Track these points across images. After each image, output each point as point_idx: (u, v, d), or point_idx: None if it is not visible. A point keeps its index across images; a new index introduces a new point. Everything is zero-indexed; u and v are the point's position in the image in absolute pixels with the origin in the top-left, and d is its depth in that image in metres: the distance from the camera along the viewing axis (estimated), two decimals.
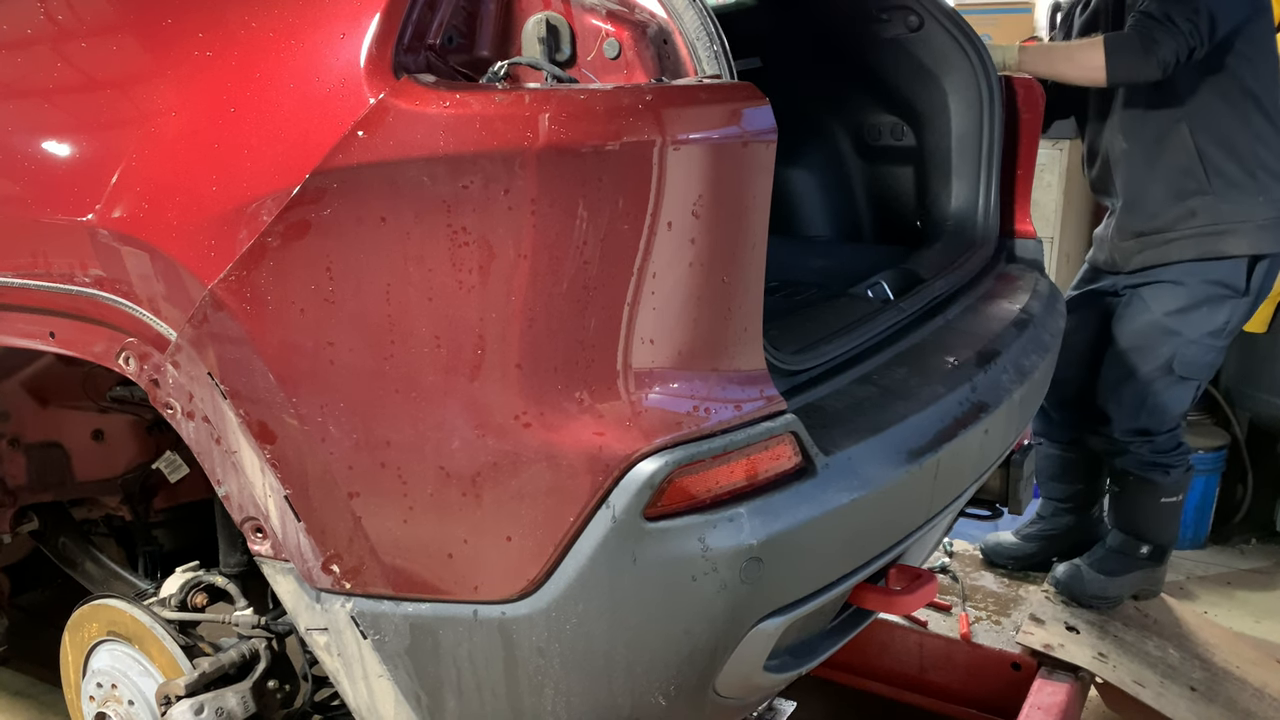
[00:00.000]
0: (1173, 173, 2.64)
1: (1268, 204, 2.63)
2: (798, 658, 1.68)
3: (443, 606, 1.41)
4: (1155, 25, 2.44)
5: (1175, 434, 2.83)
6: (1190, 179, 2.63)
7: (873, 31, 2.51)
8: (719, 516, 1.35)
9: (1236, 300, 2.68)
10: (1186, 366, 2.72)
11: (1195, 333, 2.69)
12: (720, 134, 1.31)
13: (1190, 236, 2.65)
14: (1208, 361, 2.75)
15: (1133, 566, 2.89)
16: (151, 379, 1.51)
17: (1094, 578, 2.86)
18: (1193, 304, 2.68)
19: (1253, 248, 2.64)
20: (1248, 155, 2.61)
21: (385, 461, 1.36)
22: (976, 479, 1.93)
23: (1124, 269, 2.81)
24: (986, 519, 2.31)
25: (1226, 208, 2.62)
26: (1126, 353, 2.77)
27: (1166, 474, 2.83)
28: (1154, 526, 2.90)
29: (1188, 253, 2.66)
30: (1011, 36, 4.75)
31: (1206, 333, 2.69)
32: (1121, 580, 2.87)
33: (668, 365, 1.35)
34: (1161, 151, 2.65)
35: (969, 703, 2.75)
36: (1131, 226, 2.75)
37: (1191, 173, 2.62)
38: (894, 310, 1.95)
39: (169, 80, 1.47)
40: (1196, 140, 2.60)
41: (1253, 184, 2.62)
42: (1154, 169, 2.67)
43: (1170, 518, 2.90)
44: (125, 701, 1.85)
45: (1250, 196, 2.62)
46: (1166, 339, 2.71)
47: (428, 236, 1.27)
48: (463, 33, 1.40)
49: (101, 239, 1.46)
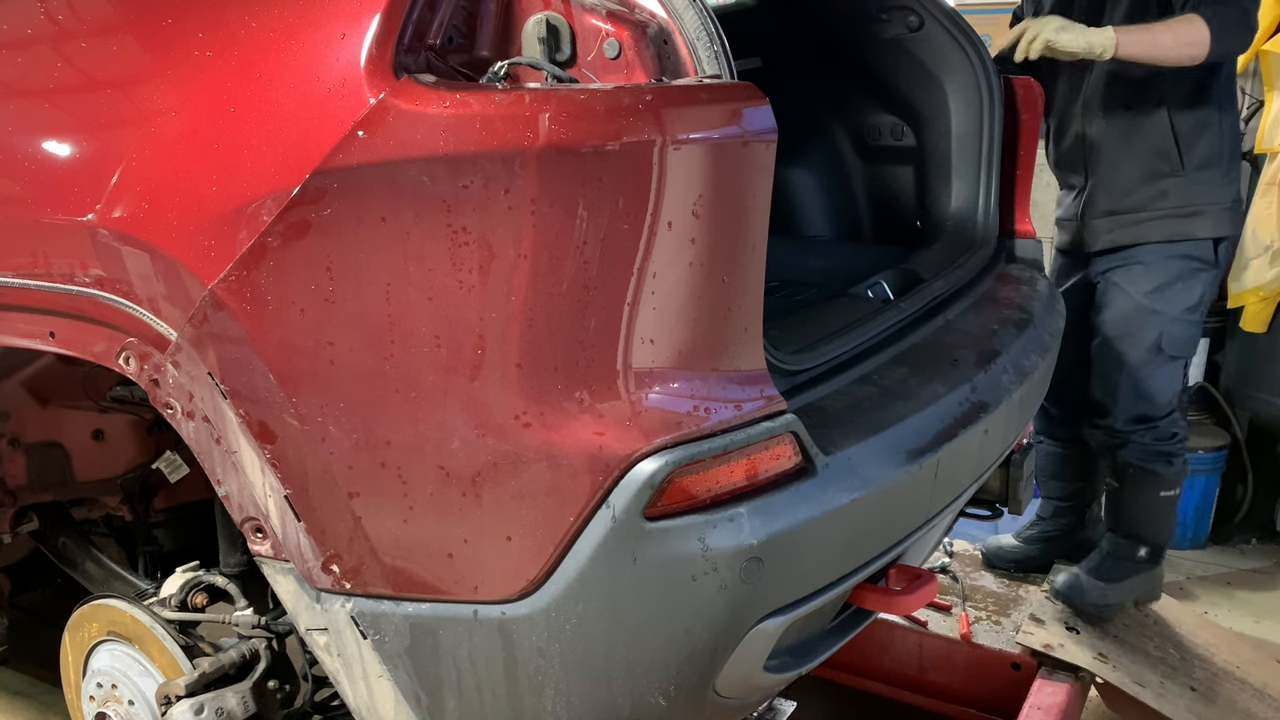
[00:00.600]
0: (1148, 153, 2.67)
1: (1230, 186, 2.69)
2: (798, 658, 1.68)
3: (443, 606, 1.41)
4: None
5: (1174, 419, 2.82)
6: (1164, 161, 2.66)
7: (873, 31, 2.51)
8: (719, 516, 1.35)
9: (1208, 273, 2.72)
10: (1174, 344, 2.73)
11: (1175, 309, 2.71)
12: (720, 134, 1.31)
13: (1161, 218, 2.69)
14: (1190, 336, 2.76)
15: (1131, 571, 2.87)
16: (151, 379, 1.51)
17: (1093, 585, 2.84)
18: (1169, 281, 2.70)
19: (1217, 229, 2.69)
20: (1219, 138, 2.65)
21: (385, 461, 1.36)
22: (976, 479, 1.93)
23: (1091, 248, 2.82)
24: (986, 519, 2.30)
25: (1196, 189, 2.66)
26: (1114, 340, 2.77)
27: (1170, 463, 2.81)
28: (1151, 524, 2.88)
29: (1157, 234, 2.70)
30: None
31: (1185, 309, 2.72)
32: (1121, 586, 2.85)
33: (668, 365, 1.35)
34: (1139, 130, 2.67)
35: (969, 703, 2.75)
36: (1103, 205, 2.77)
37: (1166, 154, 2.65)
38: (894, 310, 1.95)
39: (169, 80, 1.47)
40: (1174, 121, 2.63)
41: (1220, 166, 2.67)
42: (1131, 148, 2.70)
43: (1167, 513, 2.88)
44: (125, 701, 1.85)
45: (1218, 178, 2.67)
46: (1150, 319, 2.72)
47: (428, 236, 1.27)
48: (463, 33, 1.40)
49: (102, 239, 1.46)
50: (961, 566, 3.11)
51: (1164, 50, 2.48)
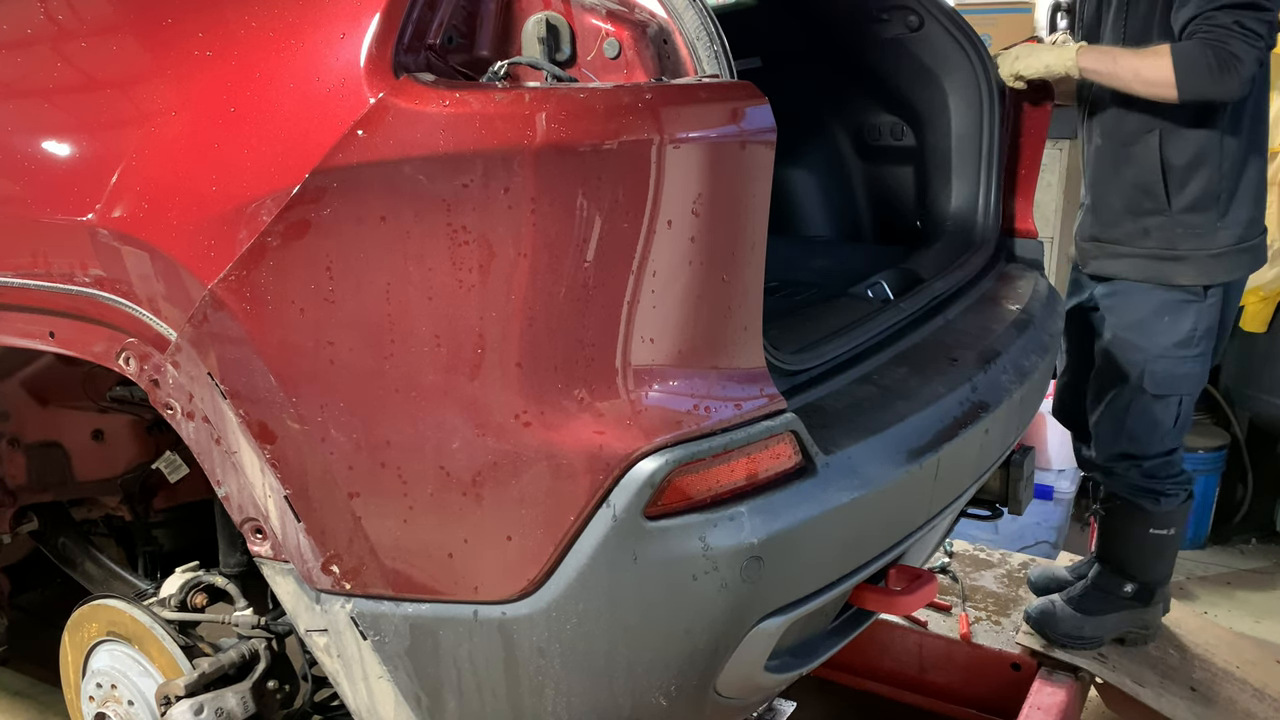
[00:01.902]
0: (1133, 187, 2.42)
1: (1227, 230, 2.38)
2: (798, 658, 1.68)
3: (443, 607, 1.41)
4: (1229, 35, 2.10)
5: (1170, 459, 2.56)
6: (1148, 198, 2.40)
7: (873, 31, 2.51)
8: (720, 515, 1.35)
9: (1200, 304, 2.42)
10: (1158, 382, 2.47)
11: (1159, 346, 2.44)
12: (719, 133, 1.31)
13: (1140, 257, 2.44)
14: (1182, 374, 2.47)
15: (1114, 606, 2.64)
16: (151, 379, 1.51)
17: (1069, 615, 2.62)
18: (1150, 315, 2.45)
19: (1201, 277, 2.40)
20: (1215, 175, 2.35)
21: (385, 461, 1.36)
22: (977, 479, 1.93)
23: (1083, 269, 2.61)
24: (986, 519, 2.30)
25: (1181, 231, 2.38)
26: (1101, 370, 2.57)
27: (1156, 501, 2.57)
28: (1139, 561, 2.64)
29: (1135, 273, 2.45)
30: (1011, 36, 4.74)
31: (1172, 344, 2.44)
32: (1100, 620, 2.62)
33: (668, 364, 1.35)
34: (1128, 158, 2.42)
35: (969, 703, 2.75)
36: (1091, 229, 2.55)
37: (1151, 191, 2.39)
38: (894, 310, 1.95)
39: (169, 80, 1.47)
40: (1164, 152, 2.36)
41: (1215, 206, 2.37)
42: (1118, 176, 2.45)
43: (1158, 553, 2.63)
44: (125, 702, 1.85)
45: (1209, 221, 2.37)
46: (1131, 354, 2.48)
47: (427, 235, 1.27)
48: (463, 32, 1.40)
49: (101, 239, 1.46)
50: (961, 566, 3.11)
51: (1123, 82, 2.26)
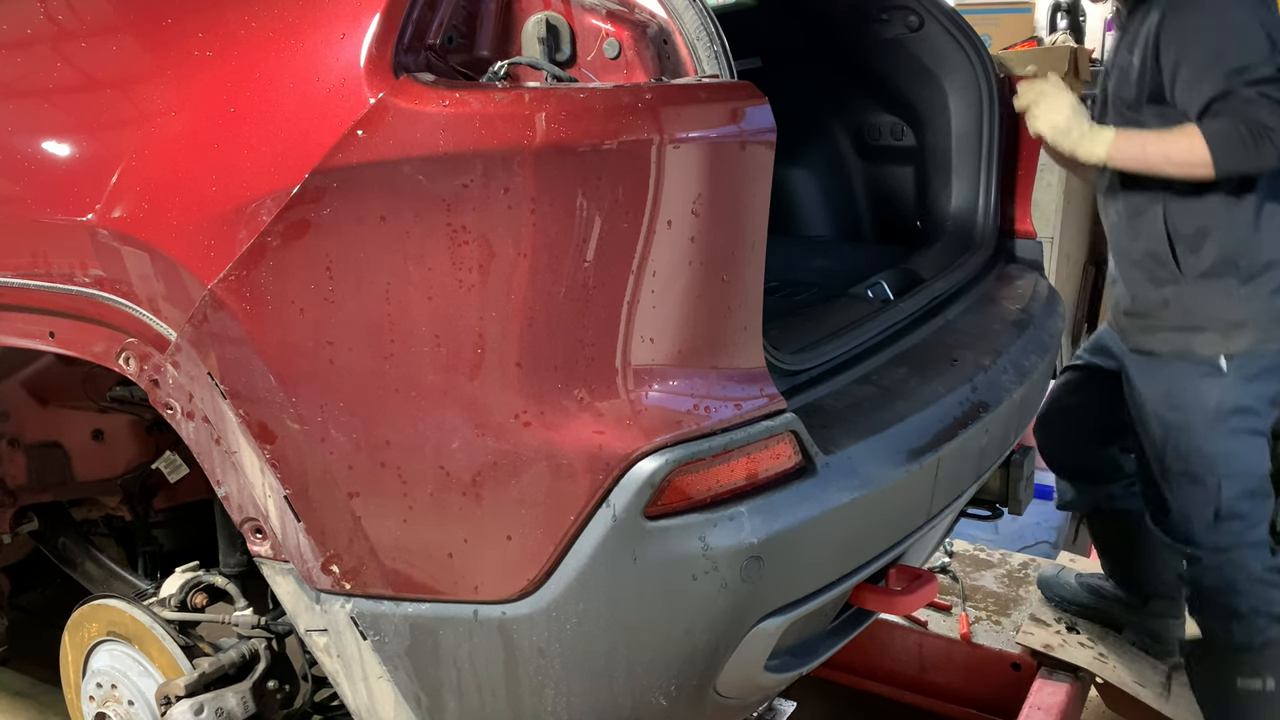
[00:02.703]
0: (1147, 257, 2.31)
1: (1252, 303, 2.23)
2: (798, 658, 1.68)
3: (443, 607, 1.41)
4: (1256, 108, 2.02)
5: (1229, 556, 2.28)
6: (1162, 267, 2.28)
7: (873, 31, 2.51)
8: (719, 515, 1.35)
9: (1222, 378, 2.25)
10: (1181, 459, 2.29)
11: (1182, 418, 2.29)
12: (719, 133, 1.31)
13: (1165, 330, 2.31)
14: (1217, 451, 2.26)
15: None
16: (151, 379, 1.51)
17: None
18: (1174, 385, 2.30)
19: (1224, 346, 2.24)
20: (1228, 243, 2.22)
21: (385, 461, 1.36)
22: (977, 479, 1.93)
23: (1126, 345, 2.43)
24: (986, 519, 2.30)
25: (1200, 301, 2.25)
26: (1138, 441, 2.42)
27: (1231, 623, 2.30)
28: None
29: (1163, 347, 2.32)
30: (1012, 36, 4.75)
31: (1199, 419, 2.27)
32: None
33: (668, 364, 1.35)
34: (1138, 230, 2.31)
35: (969, 703, 2.75)
36: (1123, 302, 2.42)
37: (1162, 260, 2.27)
38: (894, 310, 1.95)
39: (169, 80, 1.47)
40: (1170, 223, 2.24)
41: (1234, 273, 2.22)
42: (1133, 248, 2.34)
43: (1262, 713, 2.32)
44: (125, 702, 1.85)
45: (1228, 287, 2.23)
46: (1157, 426, 2.34)
47: (427, 235, 1.27)
48: (463, 33, 1.40)
49: (101, 239, 1.46)
50: (961, 566, 3.11)
51: (1159, 166, 2.14)
